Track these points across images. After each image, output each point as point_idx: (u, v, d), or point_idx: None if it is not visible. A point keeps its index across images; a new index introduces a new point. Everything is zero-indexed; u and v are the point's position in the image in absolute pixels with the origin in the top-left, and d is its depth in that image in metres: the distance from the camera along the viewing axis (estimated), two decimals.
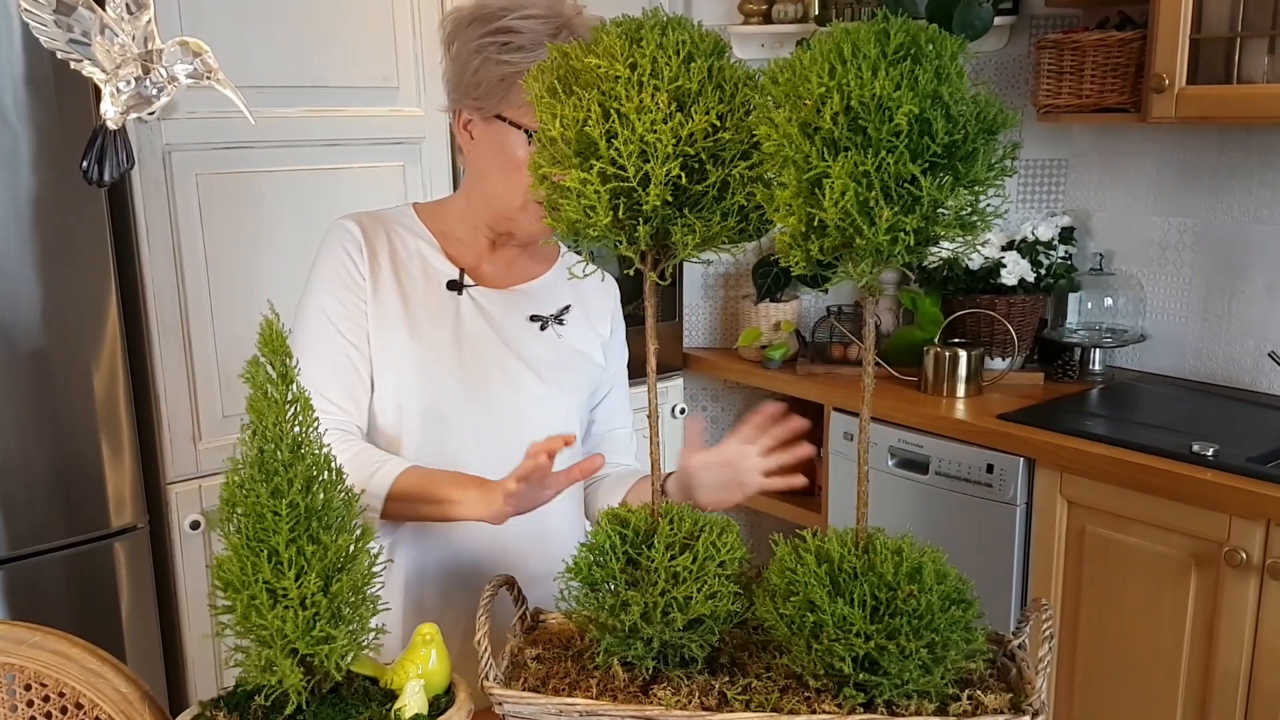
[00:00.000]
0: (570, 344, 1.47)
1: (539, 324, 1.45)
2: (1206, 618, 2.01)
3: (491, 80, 1.31)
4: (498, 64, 1.30)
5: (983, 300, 2.61)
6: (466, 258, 1.43)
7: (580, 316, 1.49)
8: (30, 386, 1.94)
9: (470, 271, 1.43)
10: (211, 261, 2.12)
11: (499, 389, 1.41)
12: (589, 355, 1.49)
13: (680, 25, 0.98)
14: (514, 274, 1.46)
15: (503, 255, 1.45)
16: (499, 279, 1.45)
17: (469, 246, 1.44)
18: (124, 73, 0.79)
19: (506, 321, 1.43)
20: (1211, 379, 2.56)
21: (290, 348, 1.00)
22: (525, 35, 1.29)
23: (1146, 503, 2.06)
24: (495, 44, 1.30)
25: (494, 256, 1.45)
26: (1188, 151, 2.55)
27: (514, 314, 1.44)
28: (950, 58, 0.90)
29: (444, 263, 1.42)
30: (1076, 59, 2.42)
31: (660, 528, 1.09)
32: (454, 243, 1.44)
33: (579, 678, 1.09)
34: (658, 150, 0.94)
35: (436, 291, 1.40)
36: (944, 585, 1.01)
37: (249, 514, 0.99)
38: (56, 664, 1.18)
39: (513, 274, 1.46)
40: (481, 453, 1.40)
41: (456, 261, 1.42)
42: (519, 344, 1.43)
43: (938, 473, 2.41)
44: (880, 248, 0.89)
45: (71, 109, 1.90)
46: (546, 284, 1.48)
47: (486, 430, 1.40)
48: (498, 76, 1.30)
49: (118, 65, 0.78)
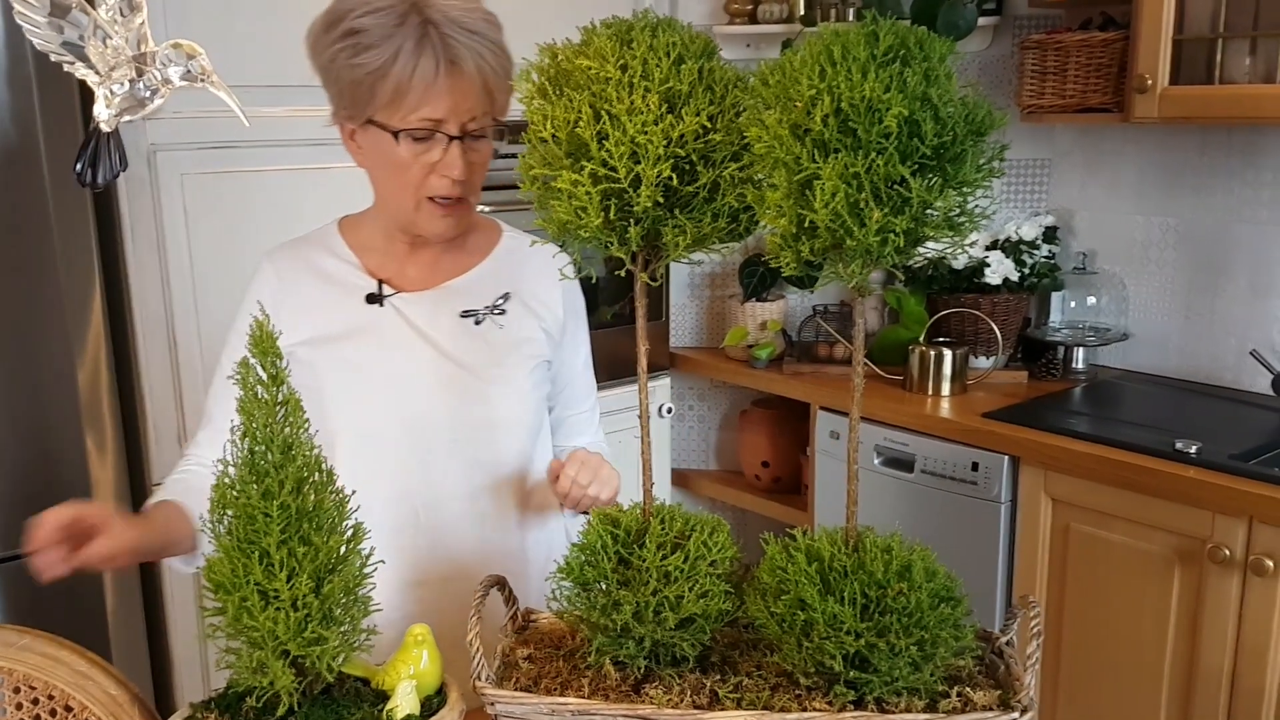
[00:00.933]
0: (512, 334, 1.42)
1: (472, 319, 1.40)
2: (1190, 614, 2.03)
3: (351, 85, 1.26)
4: (351, 68, 1.24)
5: (967, 299, 2.62)
6: (389, 266, 1.40)
7: (520, 304, 1.44)
8: (13, 387, 1.93)
9: (393, 279, 1.40)
10: (196, 261, 2.11)
11: (433, 396, 1.38)
12: (534, 341, 1.44)
13: (670, 27, 0.98)
14: (441, 271, 1.42)
15: (426, 254, 1.41)
16: (425, 279, 1.41)
17: (389, 254, 1.41)
18: (117, 75, 0.79)
19: (436, 323, 1.39)
20: (1194, 377, 2.58)
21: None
22: (372, 32, 1.23)
23: (1130, 500, 2.08)
24: (345, 48, 1.24)
25: (417, 258, 1.41)
26: (1170, 151, 2.57)
27: (444, 313, 1.40)
28: (939, 60, 0.91)
29: (362, 278, 1.39)
30: (1060, 59, 2.44)
31: (651, 527, 1.10)
32: (373, 254, 1.41)
33: (571, 677, 1.09)
34: (649, 151, 0.95)
35: (357, 308, 1.38)
36: (933, 583, 1.02)
37: (240, 515, 0.99)
38: (46, 666, 1.18)
39: (440, 271, 1.42)
40: (429, 467, 1.38)
41: (377, 273, 1.40)
42: (452, 345, 1.39)
43: (923, 471, 2.42)
44: (870, 249, 0.90)
45: (55, 106, 1.89)
46: (480, 275, 1.43)
47: (424, 441, 1.38)
48: (353, 80, 1.25)
49: (111, 68, 0.78)
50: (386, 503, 1.35)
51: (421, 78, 1.23)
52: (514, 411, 1.42)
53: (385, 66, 1.23)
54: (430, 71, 1.23)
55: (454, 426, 1.39)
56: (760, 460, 2.97)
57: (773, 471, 2.97)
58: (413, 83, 1.23)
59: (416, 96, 1.25)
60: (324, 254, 1.41)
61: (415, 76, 1.23)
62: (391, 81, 1.24)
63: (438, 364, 1.38)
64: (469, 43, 1.25)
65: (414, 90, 1.24)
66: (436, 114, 1.26)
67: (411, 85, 1.24)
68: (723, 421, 3.19)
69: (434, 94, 1.25)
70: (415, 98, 1.25)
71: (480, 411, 1.39)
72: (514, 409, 1.42)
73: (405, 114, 1.26)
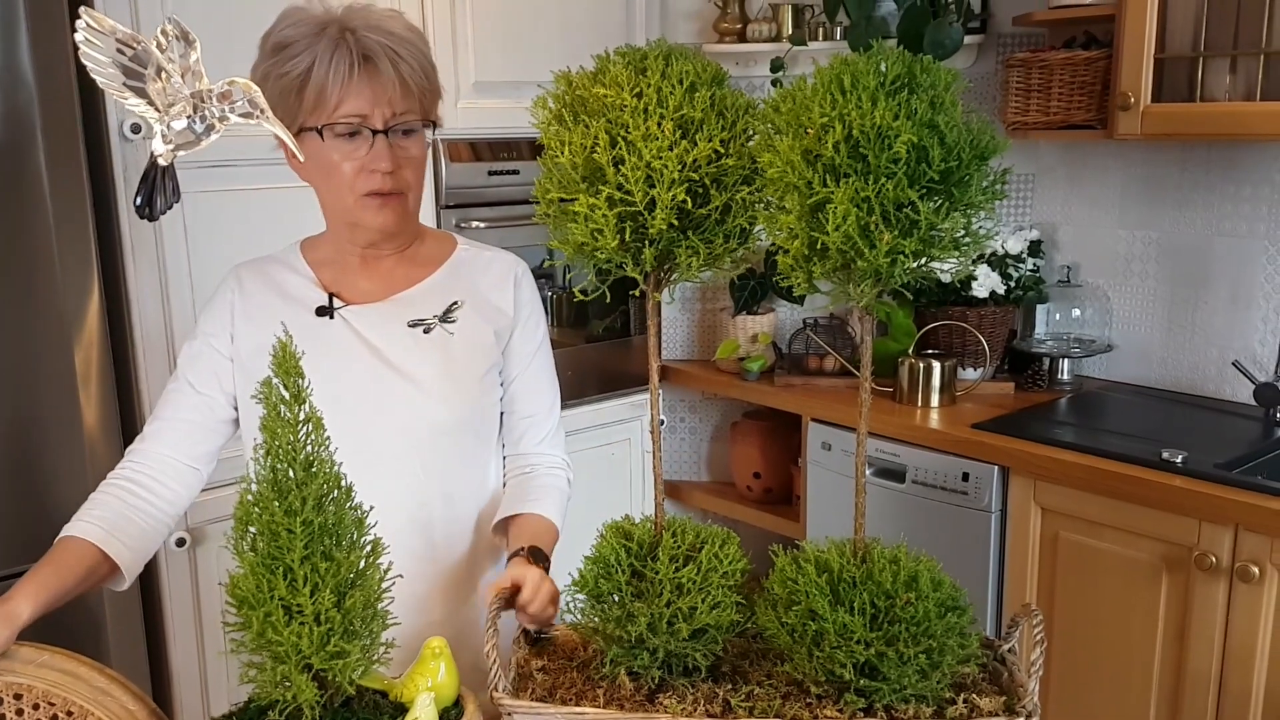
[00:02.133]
0: (463, 340, 1.44)
1: (420, 328, 1.43)
2: (1178, 620, 2.07)
3: (281, 96, 1.32)
4: (279, 80, 1.31)
5: (954, 312, 2.66)
6: (342, 280, 1.44)
7: (472, 310, 1.46)
8: (14, 404, 1.94)
9: (344, 292, 1.43)
10: (196, 279, 2.13)
11: (379, 405, 1.40)
12: (485, 346, 1.46)
13: (683, 56, 1.02)
14: (393, 284, 1.45)
15: (379, 268, 1.45)
16: (377, 292, 1.44)
17: (343, 269, 1.44)
18: (175, 111, 0.81)
19: (383, 333, 1.42)
20: (1177, 387, 2.63)
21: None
22: (296, 44, 1.31)
23: (1118, 509, 2.12)
24: (274, 63, 1.32)
25: (369, 271, 1.45)
26: (1151, 166, 2.62)
27: (392, 324, 1.42)
28: (944, 88, 0.94)
29: (315, 291, 1.43)
30: (1044, 77, 2.49)
31: (664, 540, 1.12)
32: (329, 269, 1.45)
33: (585, 688, 1.12)
34: (664, 176, 0.98)
35: (308, 321, 1.41)
36: (939, 592, 1.05)
37: (263, 532, 1.01)
38: (65, 683, 1.20)
39: (392, 284, 1.45)
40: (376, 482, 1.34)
41: (330, 287, 1.43)
42: (398, 356, 1.41)
43: (914, 481, 2.46)
44: (880, 269, 0.93)
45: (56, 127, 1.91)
46: (431, 286, 1.46)
47: (372, 450, 1.39)
48: (282, 90, 1.32)
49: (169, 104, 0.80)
50: None
51: (338, 75, 1.30)
52: (463, 418, 1.44)
53: (306, 71, 1.30)
54: (345, 69, 1.30)
55: (398, 434, 1.41)
56: (752, 471, 3.00)
57: (764, 482, 3.00)
58: (329, 80, 1.30)
59: (336, 94, 1.31)
60: (284, 270, 1.46)
61: (331, 74, 1.30)
62: (313, 83, 1.31)
63: (384, 374, 1.41)
64: (384, 41, 1.32)
65: (332, 88, 1.31)
66: (358, 109, 1.32)
67: (328, 82, 1.30)
68: (714, 433, 3.22)
69: (352, 90, 1.32)
70: (335, 95, 1.31)
71: (427, 420, 1.42)
72: (463, 416, 1.44)
73: (329, 112, 1.32)
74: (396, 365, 1.41)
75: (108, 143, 2.01)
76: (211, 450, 1.44)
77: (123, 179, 2.03)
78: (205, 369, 1.43)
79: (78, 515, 1.34)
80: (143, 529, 1.35)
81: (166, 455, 1.41)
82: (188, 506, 1.44)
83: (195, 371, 1.43)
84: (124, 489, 1.37)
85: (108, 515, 1.33)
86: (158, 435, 1.42)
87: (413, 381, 1.41)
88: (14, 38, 1.85)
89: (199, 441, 1.42)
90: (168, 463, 1.40)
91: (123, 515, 1.34)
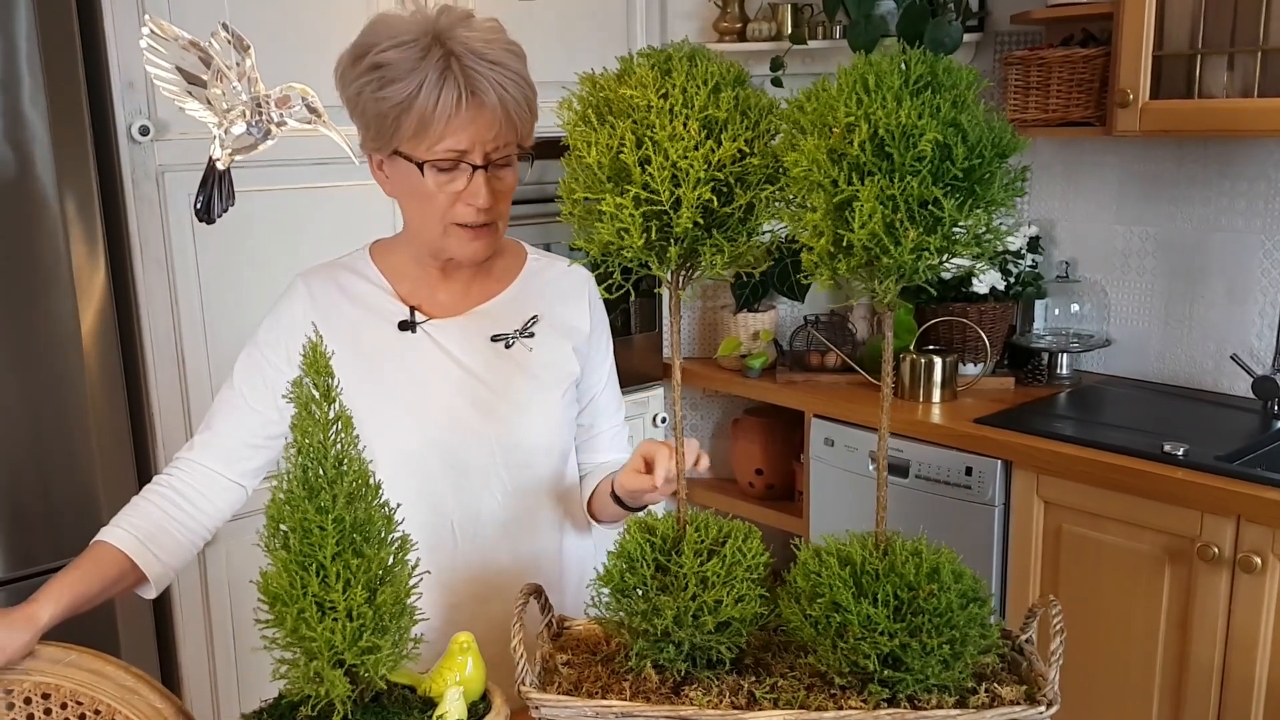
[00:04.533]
0: (542, 356, 1.44)
1: (503, 343, 1.43)
2: (1180, 611, 2.10)
3: (377, 117, 1.29)
4: (377, 101, 1.27)
5: (955, 308, 2.68)
6: (420, 292, 1.42)
7: (549, 326, 1.46)
8: (25, 405, 1.95)
9: (424, 305, 1.42)
10: (204, 280, 2.14)
11: (467, 421, 1.40)
12: (563, 363, 1.47)
13: (706, 57, 1.03)
14: (471, 297, 1.44)
15: (457, 280, 1.44)
16: (456, 305, 1.43)
17: (420, 280, 1.43)
18: (233, 116, 0.82)
19: (467, 348, 1.41)
20: (1175, 381, 2.66)
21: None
22: (397, 65, 1.26)
23: (1121, 501, 2.14)
24: (370, 82, 1.27)
25: (448, 284, 1.43)
26: (1149, 163, 2.65)
27: (474, 338, 1.42)
28: (966, 87, 0.96)
29: (395, 304, 1.42)
30: (1043, 75, 2.51)
31: (688, 535, 1.14)
32: (406, 280, 1.43)
33: (610, 681, 1.13)
34: (689, 175, 0.99)
35: (389, 335, 1.40)
36: (961, 584, 1.07)
37: (296, 530, 1.02)
38: (92, 682, 1.21)
39: (470, 297, 1.44)
40: (463, 490, 1.41)
41: (409, 299, 1.42)
42: (484, 370, 1.41)
43: (918, 476, 2.48)
44: (904, 266, 0.95)
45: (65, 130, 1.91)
46: (509, 299, 1.46)
47: (459, 465, 1.40)
48: (379, 113, 1.28)
49: (228, 110, 0.81)
50: (422, 526, 1.34)
51: (444, 110, 1.26)
52: (546, 434, 1.45)
53: (409, 99, 1.26)
54: (452, 103, 1.26)
55: (488, 450, 1.41)
56: (754, 468, 3.02)
57: (766, 479, 3.01)
58: (435, 115, 1.26)
59: (440, 128, 1.27)
60: (356, 279, 1.43)
61: (438, 109, 1.26)
62: (415, 114, 1.26)
63: (471, 389, 1.40)
64: (490, 73, 1.27)
65: (437, 122, 1.27)
66: (460, 145, 1.29)
67: (435, 117, 1.26)
68: (716, 430, 3.24)
69: (457, 125, 1.27)
70: (439, 129, 1.27)
71: (513, 435, 1.42)
72: (546, 432, 1.45)
73: (430, 145, 1.28)
74: (483, 379, 1.41)
75: (116, 145, 2.01)
76: (259, 466, 1.42)
77: (131, 181, 2.03)
78: (259, 382, 1.40)
79: (116, 519, 1.34)
80: (179, 541, 1.35)
81: (213, 469, 1.39)
82: (228, 519, 1.42)
83: (250, 384, 1.40)
84: (167, 498, 1.36)
85: (146, 525, 1.33)
86: (206, 447, 1.40)
87: (500, 395, 1.41)
88: (20, 39, 1.85)
89: (246, 458, 1.41)
90: (213, 478, 1.39)
91: (160, 526, 1.34)
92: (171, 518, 1.35)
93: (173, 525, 1.35)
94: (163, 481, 1.39)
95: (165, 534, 1.34)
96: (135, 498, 1.37)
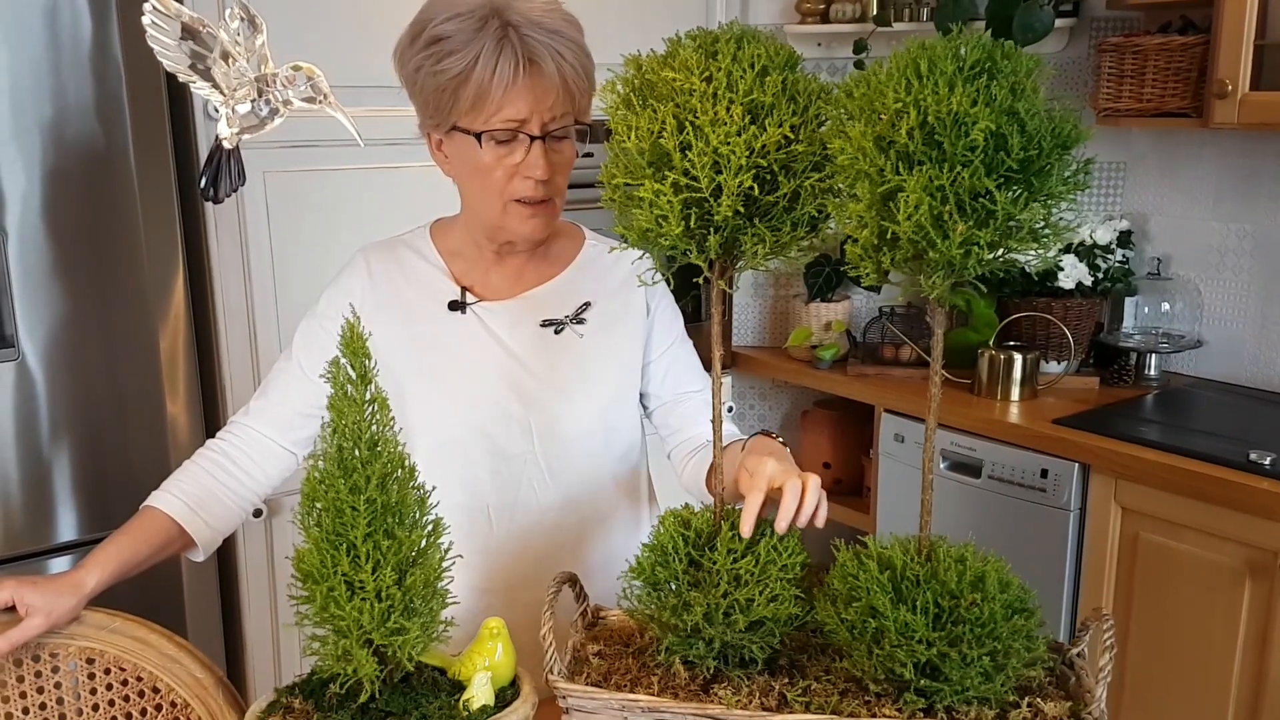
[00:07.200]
0: (592, 343, 1.42)
1: (553, 328, 1.41)
2: (1260, 628, 2.00)
3: (435, 93, 1.28)
4: (435, 75, 1.26)
5: (1039, 303, 2.60)
6: (474, 274, 1.41)
7: (603, 311, 1.43)
8: (100, 380, 2.00)
9: (477, 286, 1.41)
10: (277, 256, 2.17)
11: (509, 406, 1.39)
12: (615, 350, 1.44)
13: (755, 39, 1.00)
14: (525, 280, 1.43)
15: (511, 264, 1.42)
16: (508, 289, 1.42)
17: (475, 261, 1.42)
18: (240, 95, 0.82)
19: (517, 333, 1.40)
20: (1268, 386, 2.53)
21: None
22: (455, 38, 1.25)
23: (1202, 510, 2.05)
24: (428, 56, 1.26)
25: (502, 267, 1.42)
26: (1248, 157, 2.52)
27: (525, 323, 1.40)
28: (1025, 74, 0.91)
29: (448, 284, 1.41)
30: (1138, 63, 2.40)
31: (723, 531, 1.11)
32: (461, 260, 1.42)
33: (640, 674, 1.11)
34: (731, 162, 0.96)
35: (440, 315, 1.40)
36: (1007, 594, 1.02)
37: (329, 509, 1.02)
38: (135, 649, 1.23)
39: (524, 281, 1.43)
40: (502, 475, 1.40)
41: (462, 280, 1.41)
42: (530, 356, 1.40)
43: (990, 476, 2.41)
44: (954, 260, 0.90)
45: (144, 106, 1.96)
46: (562, 284, 1.44)
47: (499, 449, 1.39)
48: (437, 88, 1.27)
49: (234, 88, 0.81)
50: (458, 509, 1.35)
51: (501, 78, 1.25)
52: (589, 423, 1.42)
53: (467, 70, 1.25)
54: (509, 72, 1.25)
55: (529, 436, 1.40)
56: (822, 461, 2.97)
57: (834, 473, 2.96)
58: (493, 84, 1.25)
59: (498, 98, 1.26)
60: (414, 256, 1.43)
61: (495, 78, 1.25)
62: (473, 85, 1.25)
63: (516, 374, 1.39)
64: (549, 42, 1.26)
65: (495, 91, 1.25)
66: (518, 114, 1.28)
67: (492, 86, 1.25)
68: (784, 421, 3.20)
69: (514, 94, 1.26)
70: (496, 99, 1.26)
71: (555, 423, 1.40)
72: (589, 420, 1.42)
73: (487, 116, 1.27)
74: (529, 365, 1.40)
75: (193, 122, 2.05)
76: (311, 435, 1.43)
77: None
78: (316, 351, 1.39)
79: (165, 484, 1.36)
80: (227, 507, 1.37)
81: (266, 436, 1.41)
82: (278, 486, 1.44)
83: (308, 354, 1.40)
84: (217, 464, 1.39)
85: (195, 491, 1.35)
86: (261, 413, 1.42)
87: (545, 382, 1.40)
88: (106, 21, 1.90)
89: (299, 427, 1.42)
90: (266, 444, 1.41)
91: (210, 492, 1.36)
92: (221, 483, 1.37)
93: (222, 491, 1.37)
94: (215, 446, 1.41)
95: (214, 500, 1.36)
96: (186, 462, 1.39)
